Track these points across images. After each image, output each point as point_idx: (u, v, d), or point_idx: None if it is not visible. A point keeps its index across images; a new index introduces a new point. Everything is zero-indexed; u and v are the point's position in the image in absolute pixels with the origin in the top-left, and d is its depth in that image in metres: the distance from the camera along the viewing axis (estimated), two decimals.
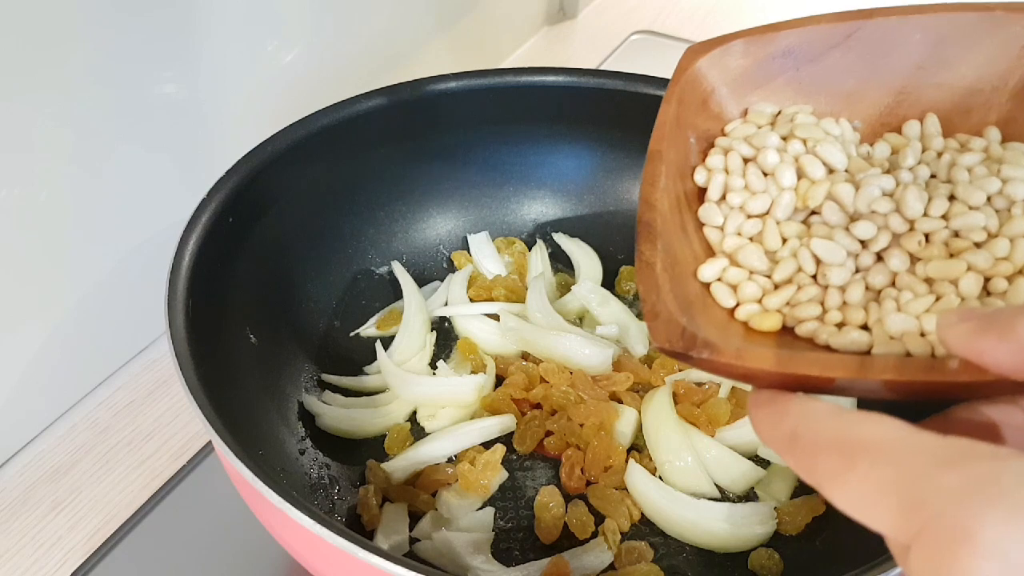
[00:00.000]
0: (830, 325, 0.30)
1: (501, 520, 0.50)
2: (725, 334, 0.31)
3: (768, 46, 0.35)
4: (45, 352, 0.56)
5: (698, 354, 0.28)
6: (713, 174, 0.34)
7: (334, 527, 0.34)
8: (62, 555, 0.52)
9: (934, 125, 0.34)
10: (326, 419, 0.53)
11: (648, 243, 0.31)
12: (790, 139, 0.34)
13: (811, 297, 0.31)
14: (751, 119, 0.35)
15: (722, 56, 0.35)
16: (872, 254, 0.31)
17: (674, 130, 0.34)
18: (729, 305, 0.32)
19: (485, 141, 0.62)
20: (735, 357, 0.28)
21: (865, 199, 0.31)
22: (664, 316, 0.29)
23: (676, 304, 0.30)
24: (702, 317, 0.31)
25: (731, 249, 0.33)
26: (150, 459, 0.57)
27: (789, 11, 1.15)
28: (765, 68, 0.35)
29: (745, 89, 0.36)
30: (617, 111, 0.61)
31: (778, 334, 0.31)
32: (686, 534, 0.48)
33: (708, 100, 0.35)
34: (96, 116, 0.53)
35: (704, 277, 0.32)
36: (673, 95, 0.34)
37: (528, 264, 0.63)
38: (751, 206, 0.33)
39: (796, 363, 0.28)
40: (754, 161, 0.34)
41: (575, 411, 0.52)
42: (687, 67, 0.35)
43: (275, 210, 0.54)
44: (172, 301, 0.43)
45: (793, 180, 0.33)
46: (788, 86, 0.35)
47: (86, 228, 0.55)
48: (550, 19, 1.04)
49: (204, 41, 0.58)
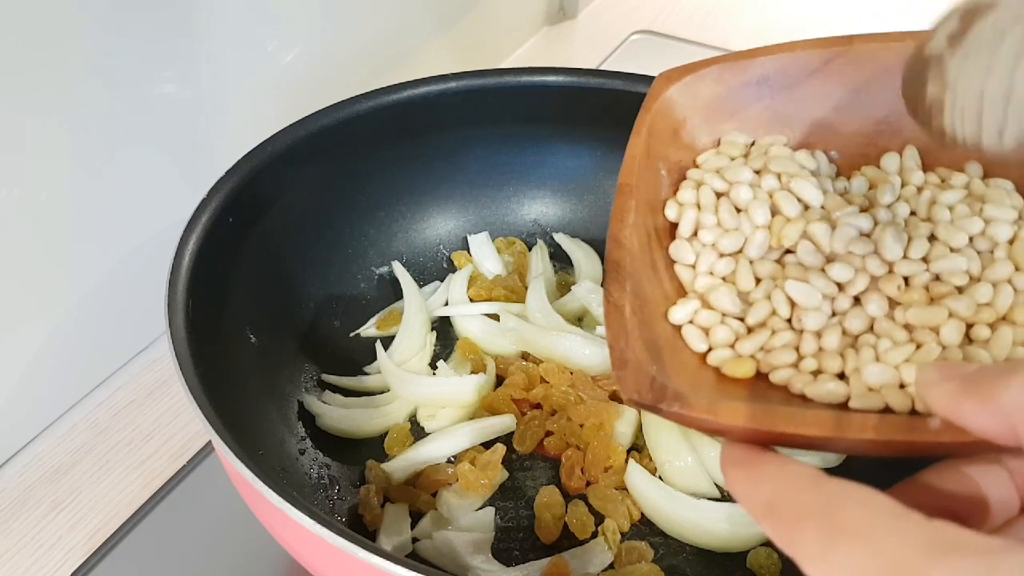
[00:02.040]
0: (805, 373, 0.29)
1: (501, 520, 0.50)
2: (696, 381, 0.29)
3: (743, 73, 0.34)
4: (45, 352, 0.56)
5: (668, 407, 0.27)
6: (684, 209, 0.33)
7: (334, 527, 0.34)
8: (62, 555, 0.52)
9: (913, 158, 0.33)
10: (326, 419, 0.53)
11: (616, 284, 0.30)
12: (764, 173, 0.32)
13: (785, 343, 0.29)
14: (724, 150, 0.34)
15: (695, 83, 0.34)
16: (849, 297, 0.30)
17: (644, 162, 0.33)
18: (701, 350, 0.31)
19: (485, 141, 0.62)
20: (707, 411, 0.27)
21: (842, 239, 0.30)
22: (633, 365, 0.28)
23: (645, 351, 0.28)
24: (672, 363, 0.29)
25: (703, 289, 0.31)
26: (150, 459, 0.57)
27: (789, 11, 1.15)
28: (739, 96, 0.34)
29: (719, 118, 0.34)
30: (617, 111, 0.60)
31: (752, 380, 0.30)
32: (686, 534, 0.48)
33: (680, 129, 0.34)
34: (96, 116, 0.53)
35: (675, 319, 0.31)
36: (644, 124, 0.33)
37: (528, 264, 0.63)
38: (723, 244, 0.32)
39: (770, 419, 0.26)
40: (727, 196, 0.32)
41: (575, 411, 0.52)
42: (658, 95, 0.34)
43: (275, 210, 0.54)
44: (172, 301, 0.43)
45: (767, 218, 0.32)
46: (763, 115, 0.34)
47: (86, 228, 0.55)
48: (550, 19, 1.04)
49: (204, 41, 0.58)
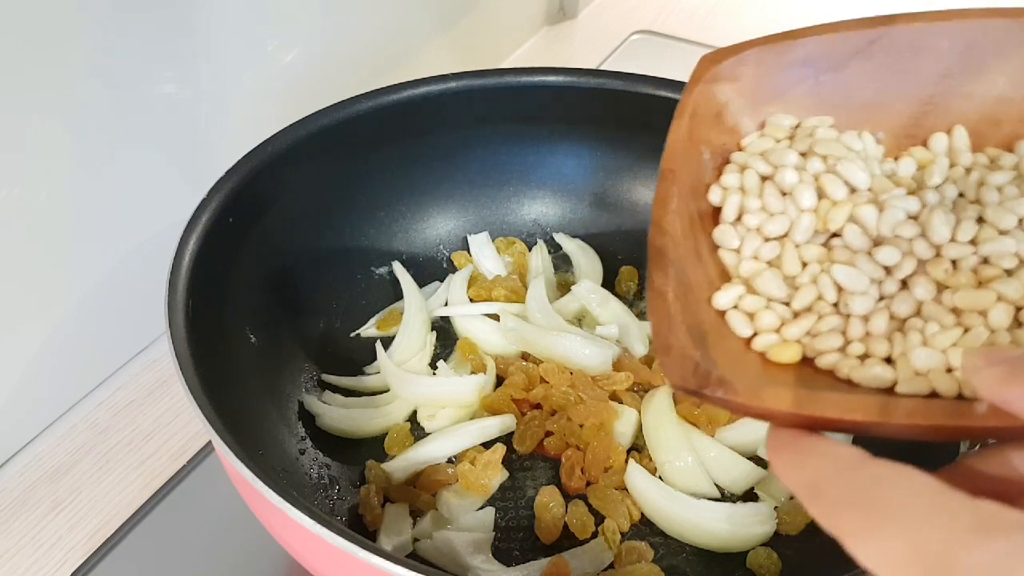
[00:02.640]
0: (852, 357, 0.29)
1: (501, 520, 0.50)
2: (741, 366, 0.29)
3: (786, 55, 0.33)
4: (45, 352, 0.56)
5: (712, 392, 0.27)
6: (728, 193, 0.32)
7: (334, 527, 0.34)
8: (62, 555, 0.52)
9: (962, 139, 0.32)
10: (326, 419, 0.53)
11: (659, 271, 0.29)
12: (810, 156, 0.32)
13: (832, 327, 0.29)
14: (768, 132, 0.33)
15: (737, 66, 0.33)
16: (897, 281, 0.29)
17: (687, 146, 0.32)
18: (746, 335, 0.30)
19: (485, 141, 0.62)
20: (752, 397, 0.27)
21: (889, 222, 0.30)
22: (676, 351, 0.28)
23: (689, 337, 0.28)
24: (716, 348, 0.29)
25: (748, 274, 0.31)
26: (150, 459, 0.57)
27: (789, 10, 1.15)
28: (783, 78, 0.33)
29: (762, 100, 0.34)
30: (617, 111, 0.61)
31: (797, 365, 0.29)
32: (686, 534, 0.48)
33: (722, 113, 0.33)
34: (96, 116, 0.53)
35: (719, 305, 0.31)
36: (686, 108, 0.33)
37: (528, 264, 0.63)
38: (769, 228, 0.31)
39: (816, 404, 0.26)
40: (772, 179, 0.32)
41: (575, 411, 0.52)
42: (700, 78, 0.33)
43: (275, 210, 0.54)
44: (172, 301, 0.43)
45: (813, 201, 0.31)
46: (807, 96, 0.33)
47: (86, 228, 0.55)
48: (550, 19, 1.04)
49: (204, 41, 0.58)
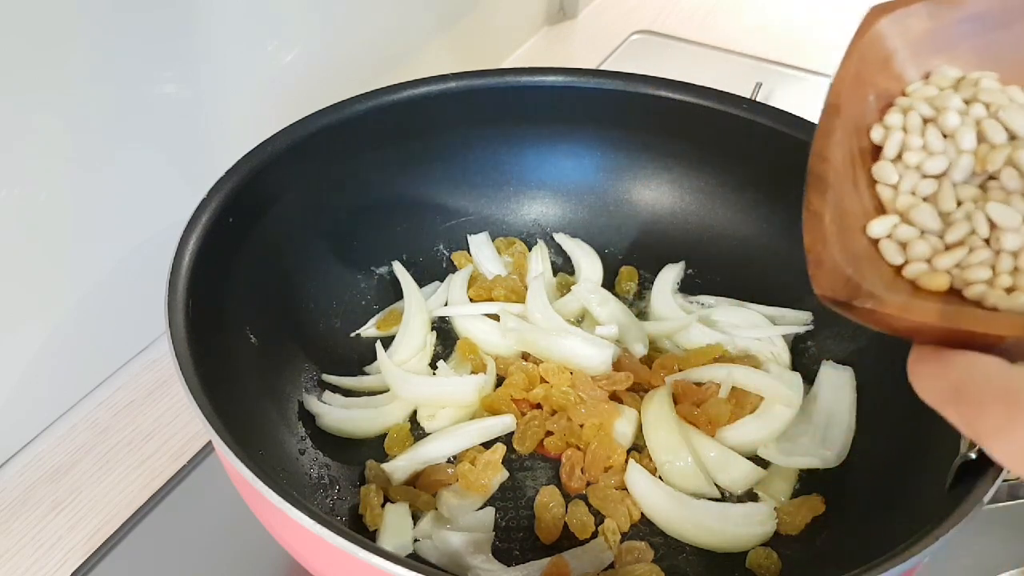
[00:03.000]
0: (999, 289, 0.30)
1: (501, 520, 0.50)
2: (890, 289, 0.31)
3: (955, 10, 0.34)
4: (45, 352, 0.56)
5: (861, 303, 0.28)
6: (891, 132, 0.33)
7: (334, 527, 0.34)
8: (62, 555, 0.52)
9: None
10: (326, 419, 0.53)
11: (818, 194, 0.31)
12: (972, 103, 0.33)
13: (982, 260, 0.30)
14: (934, 81, 0.35)
15: (905, 17, 0.34)
16: None
17: (853, 86, 0.34)
18: (897, 262, 0.32)
19: (485, 141, 0.62)
20: (900, 309, 0.28)
21: None
22: (829, 265, 0.29)
23: (842, 255, 0.30)
24: (868, 271, 0.31)
25: (904, 207, 0.32)
26: (150, 459, 0.57)
27: (789, 10, 1.15)
28: (950, 32, 0.35)
29: (927, 52, 0.35)
30: (617, 111, 0.61)
31: (943, 295, 0.31)
32: (686, 534, 0.48)
33: (890, 60, 0.35)
34: (96, 116, 0.53)
35: (874, 233, 0.32)
36: (855, 51, 0.34)
37: (528, 264, 0.63)
38: (928, 166, 0.33)
39: (964, 319, 0.28)
40: (934, 122, 0.33)
41: (575, 411, 0.52)
42: (869, 26, 0.34)
43: (275, 210, 0.54)
44: (172, 301, 0.43)
45: (973, 143, 0.32)
46: (972, 52, 0.35)
47: (86, 228, 0.55)
48: (550, 19, 1.04)
49: (204, 41, 0.58)
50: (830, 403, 0.52)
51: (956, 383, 0.26)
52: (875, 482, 0.48)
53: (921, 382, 0.28)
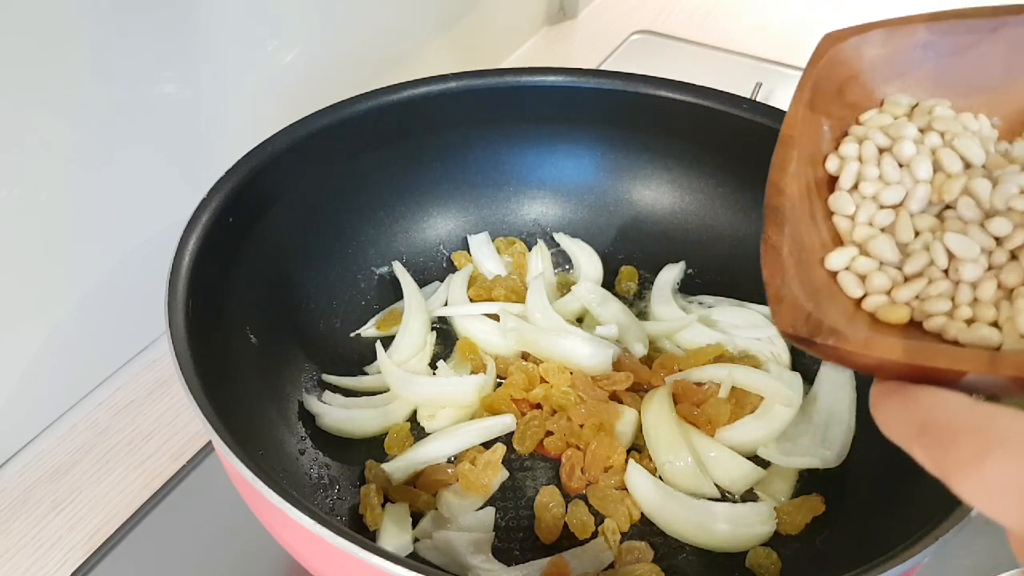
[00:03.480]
0: (959, 321, 0.30)
1: (501, 520, 0.50)
2: (851, 323, 0.30)
3: (909, 37, 0.34)
4: (45, 352, 0.56)
5: (823, 340, 0.28)
6: (847, 162, 0.33)
7: (334, 527, 0.34)
8: (62, 555, 0.52)
9: None
10: (326, 419, 0.53)
11: (775, 227, 0.31)
12: (928, 131, 0.33)
13: (941, 292, 0.30)
14: (888, 109, 0.35)
15: (860, 44, 0.35)
16: (1006, 252, 0.31)
17: (807, 116, 0.34)
18: (856, 295, 0.32)
19: (485, 141, 0.62)
20: (862, 346, 0.28)
21: (1002, 196, 0.31)
22: (789, 300, 0.29)
23: (801, 290, 0.30)
24: (828, 305, 0.30)
25: (861, 239, 0.32)
26: (150, 459, 0.57)
27: (789, 10, 1.15)
28: (904, 59, 0.35)
29: (882, 79, 0.35)
30: (617, 111, 0.61)
31: (904, 327, 0.31)
32: (686, 534, 0.48)
33: (844, 88, 0.35)
34: (96, 116, 0.53)
35: (832, 266, 0.32)
36: (808, 80, 0.34)
37: (528, 264, 0.63)
38: (884, 196, 0.32)
39: (926, 354, 0.27)
40: (889, 151, 0.33)
41: (575, 411, 0.52)
42: (823, 54, 0.34)
43: (275, 210, 0.54)
44: (172, 301, 0.43)
45: (929, 172, 0.32)
46: (927, 79, 0.35)
47: (86, 228, 0.55)
48: (550, 19, 1.04)
49: (204, 41, 0.58)
50: (830, 403, 0.52)
51: (921, 420, 0.26)
52: (875, 482, 0.48)
53: (885, 419, 0.27)
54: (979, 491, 0.23)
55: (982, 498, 0.23)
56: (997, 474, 0.23)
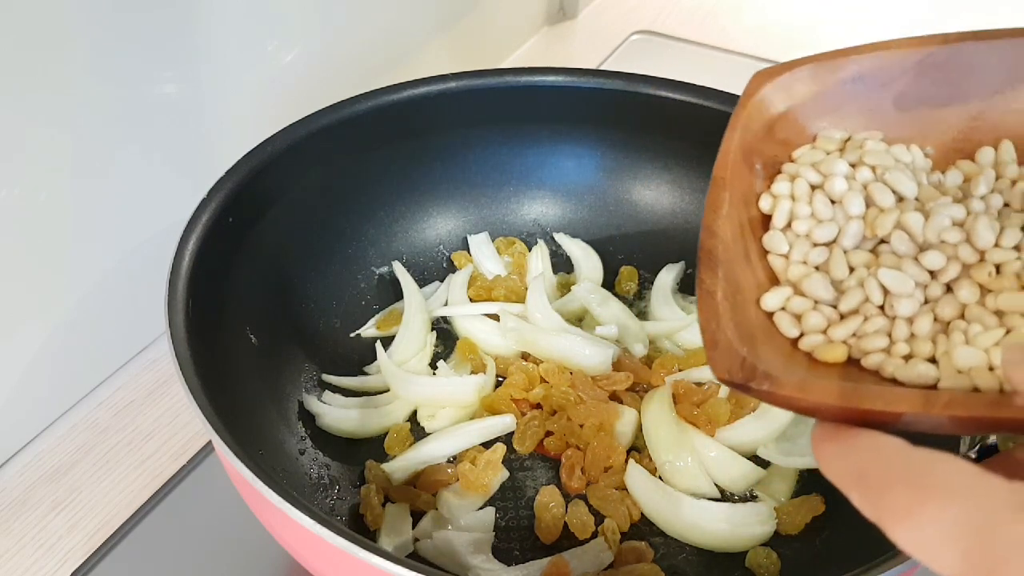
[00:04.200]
0: (897, 357, 0.30)
1: (501, 520, 0.50)
2: (788, 365, 0.30)
3: (837, 72, 0.34)
4: (45, 352, 0.56)
5: (758, 386, 0.28)
6: (779, 200, 0.33)
7: (334, 527, 0.34)
8: (62, 555, 0.52)
9: (1008, 152, 0.33)
10: (326, 419, 0.53)
11: (709, 271, 0.31)
12: (859, 166, 0.33)
13: (878, 328, 0.30)
14: (819, 145, 0.35)
15: (789, 82, 0.35)
16: (941, 285, 0.30)
17: (738, 157, 0.33)
18: (792, 335, 0.31)
19: (485, 141, 0.62)
20: (797, 390, 0.28)
21: (935, 228, 0.31)
22: (724, 346, 0.29)
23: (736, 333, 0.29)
24: (764, 347, 0.30)
25: (796, 278, 0.32)
26: (150, 459, 0.57)
27: (789, 11, 1.15)
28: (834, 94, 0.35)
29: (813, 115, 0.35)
30: (617, 111, 0.61)
31: (842, 366, 0.30)
32: (686, 534, 0.48)
33: (775, 126, 0.35)
34: (96, 116, 0.53)
35: (767, 306, 0.32)
36: (739, 121, 0.34)
37: (528, 264, 0.63)
38: (817, 234, 0.32)
39: (861, 397, 0.27)
40: (821, 188, 0.33)
41: (575, 411, 0.52)
42: (753, 93, 0.34)
43: (275, 210, 0.54)
44: (172, 301, 0.43)
45: (861, 208, 0.32)
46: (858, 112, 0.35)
47: (86, 228, 0.55)
48: (550, 19, 1.04)
49: (204, 41, 0.58)
50: None
51: (859, 465, 0.26)
52: None
53: (826, 462, 0.27)
54: (914, 540, 0.23)
55: (917, 547, 0.23)
56: (932, 524, 0.23)
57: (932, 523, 0.23)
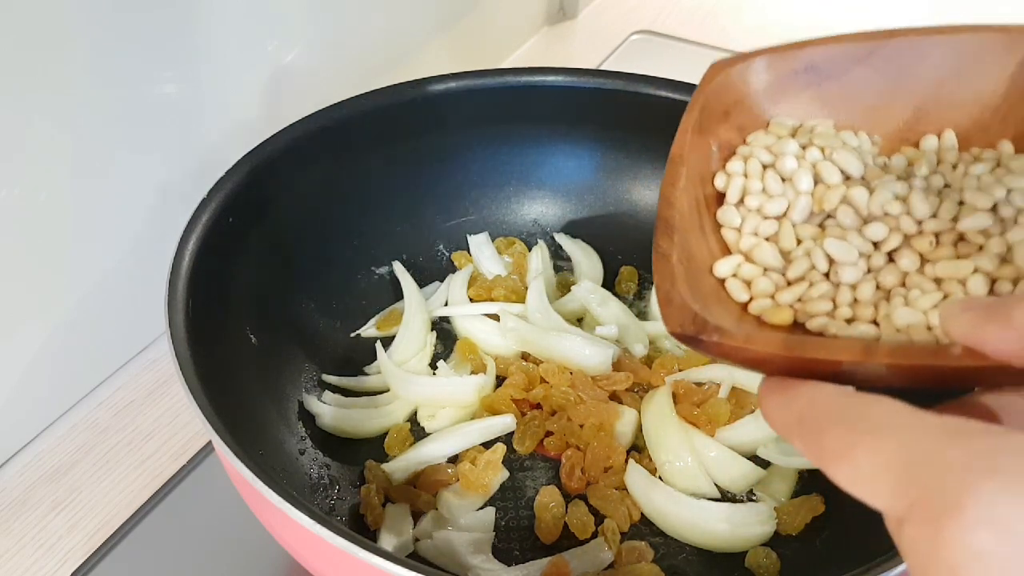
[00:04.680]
0: (840, 320, 0.31)
1: (501, 520, 0.50)
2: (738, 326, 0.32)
3: (791, 62, 0.36)
4: (45, 352, 0.56)
5: (708, 337, 0.29)
6: (732, 178, 0.35)
7: (334, 527, 0.34)
8: (62, 555, 0.52)
9: (950, 140, 0.35)
10: (326, 419, 0.53)
11: (665, 237, 0.32)
12: (808, 147, 0.35)
13: (823, 293, 0.32)
14: (772, 130, 0.36)
15: (746, 71, 0.36)
16: (884, 255, 0.32)
17: (695, 137, 0.35)
18: (743, 299, 0.33)
19: (485, 141, 0.62)
20: (744, 341, 0.29)
21: (878, 202, 0.32)
22: (677, 303, 0.31)
23: (690, 294, 0.31)
24: (715, 308, 0.32)
25: (747, 248, 0.34)
26: (150, 459, 0.57)
27: (789, 11, 1.15)
28: (788, 83, 0.36)
29: (768, 103, 0.37)
30: (617, 111, 0.61)
31: (789, 328, 0.32)
32: (686, 534, 0.48)
33: (731, 112, 0.36)
34: (96, 116, 0.53)
35: (719, 273, 0.33)
36: (697, 103, 0.36)
37: (528, 264, 0.63)
38: (768, 208, 0.34)
39: (803, 347, 0.29)
40: (773, 167, 0.35)
41: (575, 411, 0.52)
42: (711, 80, 0.36)
43: (275, 210, 0.54)
44: (172, 301, 0.43)
45: (810, 185, 0.34)
46: (811, 101, 0.36)
47: (86, 228, 0.55)
48: (550, 19, 1.04)
49: (204, 41, 0.58)
50: None
51: (799, 412, 0.27)
52: None
53: (769, 413, 0.28)
54: (851, 477, 0.24)
55: (855, 484, 0.24)
56: (866, 460, 0.24)
57: (867, 460, 0.24)
